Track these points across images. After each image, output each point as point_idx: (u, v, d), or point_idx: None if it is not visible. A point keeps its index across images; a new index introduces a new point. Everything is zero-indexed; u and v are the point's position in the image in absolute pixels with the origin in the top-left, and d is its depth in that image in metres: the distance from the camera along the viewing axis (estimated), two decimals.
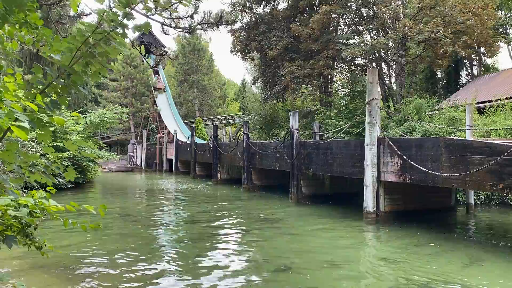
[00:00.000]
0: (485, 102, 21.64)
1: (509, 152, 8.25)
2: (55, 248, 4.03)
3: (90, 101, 42.61)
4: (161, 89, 47.11)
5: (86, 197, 17.98)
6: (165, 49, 56.09)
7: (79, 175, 20.57)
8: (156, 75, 48.91)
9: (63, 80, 2.73)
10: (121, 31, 2.70)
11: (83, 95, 3.09)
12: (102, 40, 2.72)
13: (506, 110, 18.37)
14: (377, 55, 24.36)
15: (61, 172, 3.54)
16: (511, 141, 8.69)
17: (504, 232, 10.90)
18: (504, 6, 30.83)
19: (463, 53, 25.86)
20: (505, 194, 14.41)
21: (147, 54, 46.69)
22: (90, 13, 5.59)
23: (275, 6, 30.67)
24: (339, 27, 28.01)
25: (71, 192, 18.49)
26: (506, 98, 20.31)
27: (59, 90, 2.67)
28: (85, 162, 20.57)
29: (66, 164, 3.98)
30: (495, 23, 27.87)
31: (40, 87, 2.67)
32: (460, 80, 35.12)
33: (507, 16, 32.58)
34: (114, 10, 2.81)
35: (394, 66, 24.89)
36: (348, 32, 27.01)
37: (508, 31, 34.12)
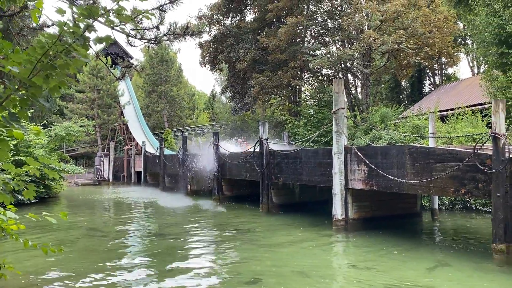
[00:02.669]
0: (447, 110, 22.39)
1: (470, 159, 8.56)
2: (15, 269, 3.88)
3: (54, 114, 41.50)
4: None
5: (50, 213, 17.35)
6: (133, 59, 55.45)
7: (43, 190, 19.91)
8: None
9: (22, 93, 2.66)
10: (82, 43, 2.66)
11: (45, 108, 3.02)
12: (63, 52, 2.67)
13: (467, 117, 19.07)
14: (343, 65, 24.90)
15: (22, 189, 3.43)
16: (471, 148, 9.01)
17: (468, 236, 11.25)
18: (462, 18, 32.18)
19: (426, 63, 26.78)
20: (467, 199, 14.91)
21: (113, 65, 45.56)
22: (53, 24, 5.49)
23: (243, 18, 30.94)
24: (306, 39, 28.49)
25: (35, 208, 17.81)
26: (467, 106, 21.08)
27: (17, 104, 2.59)
28: (50, 176, 19.90)
29: (28, 179, 3.87)
30: (455, 34, 29.01)
31: None
32: (423, 89, 36.32)
33: (465, 28, 33.98)
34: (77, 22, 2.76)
35: (359, 76, 25.49)
36: (314, 43, 27.52)
37: (467, 41, 35.57)
